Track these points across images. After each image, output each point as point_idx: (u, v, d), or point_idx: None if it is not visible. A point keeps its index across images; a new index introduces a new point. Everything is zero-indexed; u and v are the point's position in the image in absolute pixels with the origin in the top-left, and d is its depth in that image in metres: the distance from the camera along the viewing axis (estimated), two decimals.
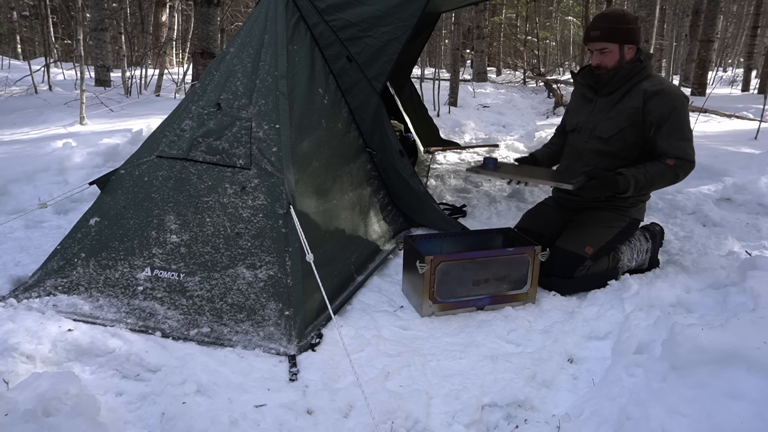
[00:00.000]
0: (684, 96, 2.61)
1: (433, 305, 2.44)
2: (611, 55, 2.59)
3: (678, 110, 2.54)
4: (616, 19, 2.56)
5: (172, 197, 2.44)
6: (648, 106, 2.56)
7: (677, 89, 2.63)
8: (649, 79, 2.61)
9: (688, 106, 2.61)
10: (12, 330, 1.99)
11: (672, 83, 2.74)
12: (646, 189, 2.61)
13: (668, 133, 2.55)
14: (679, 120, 2.55)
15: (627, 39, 2.57)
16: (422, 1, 2.92)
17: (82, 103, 5.56)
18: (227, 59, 2.66)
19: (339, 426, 1.72)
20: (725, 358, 1.68)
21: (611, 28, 2.55)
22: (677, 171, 2.55)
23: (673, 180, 2.59)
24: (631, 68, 2.59)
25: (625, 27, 2.56)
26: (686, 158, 2.55)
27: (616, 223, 2.72)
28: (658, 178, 2.56)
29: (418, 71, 10.82)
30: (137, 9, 14.66)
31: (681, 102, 2.56)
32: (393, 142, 3.15)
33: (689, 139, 2.58)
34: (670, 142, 2.55)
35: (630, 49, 2.60)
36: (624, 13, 2.62)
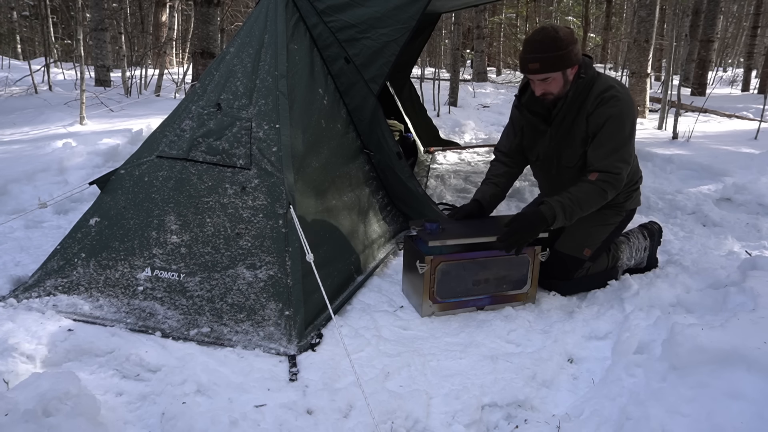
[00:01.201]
0: (626, 102, 2.42)
1: (433, 305, 2.44)
2: (555, 83, 2.41)
3: (612, 119, 2.38)
4: (553, 46, 2.33)
5: (172, 197, 2.44)
6: (588, 120, 2.44)
7: (619, 94, 2.41)
8: (592, 90, 2.44)
9: (629, 113, 2.41)
10: (12, 330, 2.00)
11: (617, 87, 2.44)
12: (577, 211, 2.37)
13: (597, 145, 2.42)
14: (611, 130, 2.38)
15: (567, 64, 2.37)
16: (421, 4, 2.92)
17: (82, 103, 5.56)
18: (227, 59, 2.66)
19: (339, 426, 1.72)
20: (725, 358, 1.68)
21: (550, 57, 2.34)
22: (602, 186, 2.37)
23: (601, 196, 2.39)
24: (575, 90, 2.44)
25: (563, 53, 2.34)
26: (610, 171, 2.37)
27: (613, 219, 2.69)
28: (584, 197, 2.37)
29: (418, 71, 10.82)
30: (137, 9, 14.66)
31: (618, 110, 2.38)
32: (390, 144, 3.15)
33: (618, 150, 2.39)
34: (596, 155, 2.41)
35: (573, 69, 2.42)
36: (558, 37, 2.35)
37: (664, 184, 4.22)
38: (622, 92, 2.43)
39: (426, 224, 2.43)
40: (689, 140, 5.33)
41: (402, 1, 2.96)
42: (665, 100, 6.30)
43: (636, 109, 2.47)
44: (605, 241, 2.67)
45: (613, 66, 15.79)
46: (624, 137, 2.41)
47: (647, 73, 7.18)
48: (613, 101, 2.39)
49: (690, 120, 6.24)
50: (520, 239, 2.33)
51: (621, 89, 2.45)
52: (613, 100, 2.39)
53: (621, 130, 2.40)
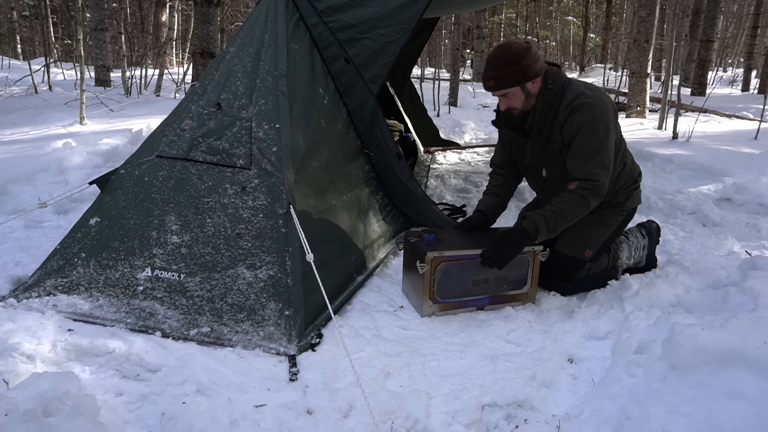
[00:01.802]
0: (597, 107, 2.38)
1: (433, 305, 2.44)
2: (515, 97, 2.43)
3: (585, 126, 2.36)
4: (505, 63, 2.35)
5: (172, 197, 2.44)
6: (562, 130, 2.43)
7: (590, 100, 2.38)
8: (563, 99, 2.42)
9: (602, 117, 2.38)
10: (12, 330, 1.99)
11: (587, 93, 2.41)
12: (561, 222, 2.37)
13: (574, 154, 2.40)
14: (585, 138, 2.36)
15: (524, 78, 2.38)
16: (421, 5, 2.92)
17: (82, 103, 5.56)
18: (227, 59, 2.66)
19: (339, 426, 1.72)
20: (725, 358, 1.68)
21: (503, 74, 2.36)
22: (582, 195, 2.35)
23: (583, 204, 2.37)
24: (543, 102, 2.44)
25: (517, 68, 2.35)
26: (589, 179, 2.35)
27: (614, 219, 2.69)
28: (566, 207, 2.36)
29: (418, 71, 10.82)
30: (137, 9, 14.67)
31: (589, 117, 2.36)
32: (390, 144, 3.15)
33: (595, 157, 2.37)
34: (573, 164, 2.40)
35: (534, 83, 2.41)
36: (512, 53, 2.36)
37: (664, 184, 4.22)
38: (593, 98, 2.40)
39: (423, 235, 2.47)
40: (689, 140, 5.33)
41: (402, 2, 2.96)
42: (665, 100, 6.30)
43: (611, 111, 2.43)
44: (606, 241, 2.66)
45: (613, 66, 15.79)
46: (598, 143, 2.38)
47: (647, 73, 7.17)
48: (584, 108, 2.36)
49: (690, 120, 6.24)
50: (504, 257, 2.35)
51: (592, 94, 2.42)
52: (584, 107, 2.36)
53: (595, 136, 2.37)
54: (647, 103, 7.29)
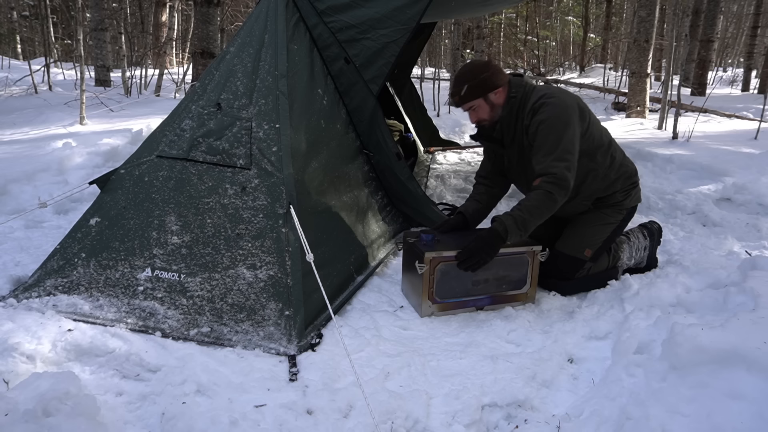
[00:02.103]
0: (555, 105, 2.45)
1: (433, 305, 2.44)
2: (481, 109, 2.56)
3: (543, 123, 2.42)
4: (465, 78, 2.52)
5: (172, 198, 2.44)
6: (527, 133, 2.51)
7: (548, 100, 2.46)
8: (526, 105, 2.51)
9: (560, 114, 2.43)
10: (12, 330, 1.99)
11: (547, 94, 2.49)
12: (530, 219, 2.36)
13: (535, 151, 2.45)
14: (544, 134, 2.42)
15: (486, 89, 2.51)
16: (421, 5, 2.92)
17: (82, 103, 5.56)
18: (227, 59, 2.66)
19: (339, 426, 1.72)
20: (725, 358, 1.68)
21: (466, 90, 2.51)
22: (546, 189, 2.36)
23: (549, 198, 2.36)
24: (509, 110, 2.53)
25: (477, 81, 2.49)
26: (549, 173, 2.37)
27: (613, 219, 2.69)
28: (532, 203, 2.37)
29: (418, 71, 10.82)
30: (137, 9, 14.66)
31: (546, 115, 2.42)
32: (390, 144, 3.15)
33: (554, 151, 2.39)
34: (536, 161, 2.44)
35: (496, 93, 2.53)
36: (471, 68, 2.56)
37: (664, 184, 4.22)
38: (552, 99, 2.46)
39: (422, 236, 2.49)
40: (689, 140, 5.33)
41: (402, 2, 2.96)
42: (665, 100, 6.29)
43: (571, 108, 2.47)
44: (606, 240, 2.67)
45: (613, 66, 15.78)
46: (557, 138, 2.40)
47: (647, 73, 7.17)
48: (543, 108, 2.45)
49: (690, 120, 6.23)
50: (479, 260, 2.35)
51: (551, 95, 2.48)
52: (543, 107, 2.45)
53: (553, 131, 2.41)
54: (647, 103, 7.29)
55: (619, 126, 6.45)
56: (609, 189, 2.66)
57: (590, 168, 2.58)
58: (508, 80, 2.57)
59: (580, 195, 2.61)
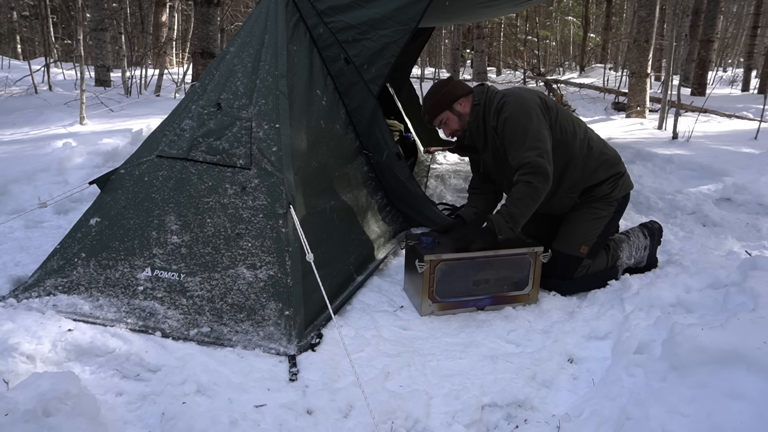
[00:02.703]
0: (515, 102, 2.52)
1: (433, 304, 2.44)
2: (450, 121, 2.67)
3: (508, 120, 2.49)
4: (429, 95, 2.69)
5: (172, 197, 2.44)
6: (496, 133, 2.57)
7: (508, 98, 2.54)
8: (490, 108, 2.58)
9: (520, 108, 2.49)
10: (12, 330, 1.99)
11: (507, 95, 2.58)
12: (517, 212, 2.43)
13: (508, 147, 2.52)
14: (510, 129, 2.49)
15: (448, 103, 2.63)
16: (422, 6, 2.92)
17: (82, 103, 5.56)
18: (227, 59, 2.66)
19: (339, 426, 1.72)
20: (725, 358, 1.68)
21: (430, 106, 2.67)
22: (524, 180, 2.42)
23: (531, 188, 2.42)
24: (474, 116, 2.62)
25: (439, 97, 2.64)
26: (523, 163, 2.43)
27: (605, 212, 2.70)
28: (516, 196, 2.44)
29: (418, 71, 10.82)
30: (137, 9, 14.66)
31: (509, 112, 2.49)
32: (390, 144, 3.15)
33: (523, 143, 2.45)
34: (510, 156, 2.51)
35: (460, 103, 2.64)
36: (434, 86, 2.73)
37: (664, 184, 4.22)
38: (511, 96, 2.55)
39: (422, 238, 2.53)
40: (689, 140, 5.33)
41: (402, 3, 2.96)
42: (665, 100, 6.29)
43: (531, 101, 2.54)
44: (601, 235, 2.67)
45: (613, 66, 15.79)
46: (521, 130, 2.48)
47: (647, 73, 7.17)
48: (505, 107, 2.52)
49: (690, 120, 6.23)
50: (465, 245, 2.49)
51: (511, 94, 2.58)
52: (505, 105, 2.53)
53: (517, 124, 2.49)
54: (647, 103, 7.29)
55: (619, 126, 6.45)
56: (592, 179, 2.68)
57: (568, 157, 2.62)
58: (470, 90, 2.68)
59: (563, 186, 2.64)
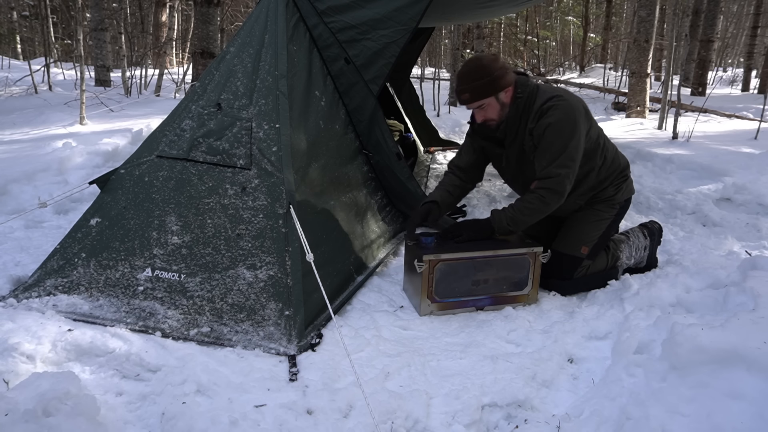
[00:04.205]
0: (564, 109, 2.43)
1: (432, 304, 2.44)
2: (491, 108, 2.48)
3: (550, 127, 2.41)
4: (477, 75, 2.42)
5: (172, 198, 2.44)
6: (533, 135, 2.48)
7: (557, 103, 2.43)
8: (533, 106, 2.47)
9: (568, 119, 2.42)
10: (12, 330, 1.99)
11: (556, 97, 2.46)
12: (521, 218, 2.47)
13: (539, 155, 2.46)
14: (550, 139, 2.42)
15: (497, 88, 2.44)
16: (422, 6, 2.92)
17: (82, 103, 5.55)
18: (227, 59, 2.66)
19: (339, 426, 1.72)
20: (725, 358, 1.68)
21: (477, 86, 2.42)
22: (540, 194, 2.43)
23: (542, 203, 2.44)
24: (515, 110, 2.49)
25: (489, 79, 2.41)
26: (549, 177, 2.42)
27: (606, 214, 2.70)
28: (524, 205, 2.47)
29: (418, 71, 10.82)
30: (137, 9, 14.65)
31: (555, 119, 2.40)
32: (390, 144, 3.15)
33: (558, 157, 2.41)
34: (538, 165, 2.46)
35: (505, 92, 2.47)
36: (482, 65, 2.44)
37: (664, 184, 4.22)
38: (560, 101, 2.44)
39: (422, 239, 2.53)
40: (689, 140, 5.33)
41: (402, 3, 2.96)
42: (665, 100, 6.29)
43: (579, 112, 2.47)
44: (602, 236, 2.67)
45: (613, 66, 15.78)
46: (562, 143, 2.42)
47: (647, 73, 7.17)
48: (551, 111, 2.42)
49: (690, 120, 6.24)
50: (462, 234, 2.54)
51: (560, 98, 2.46)
52: (551, 109, 2.42)
53: (559, 136, 2.41)
54: (647, 103, 7.29)
55: (619, 126, 6.45)
56: (601, 185, 2.69)
57: (588, 168, 2.59)
58: (515, 78, 2.51)
59: (574, 193, 2.62)
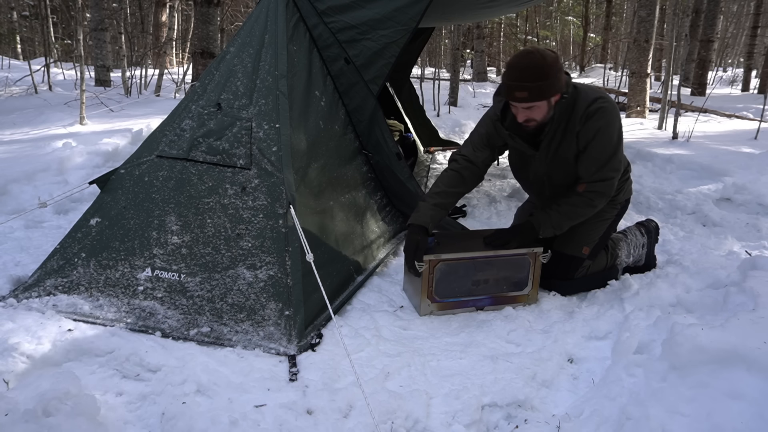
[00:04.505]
0: (611, 112, 2.38)
1: (432, 304, 2.44)
2: (539, 110, 2.33)
3: (601, 131, 2.36)
4: (541, 74, 2.23)
5: (172, 198, 2.44)
6: (578, 137, 2.40)
7: (605, 105, 2.37)
8: (576, 107, 2.38)
9: (615, 122, 2.39)
10: (12, 330, 2.00)
11: (600, 99, 2.38)
12: (566, 222, 2.47)
13: (588, 158, 2.42)
14: (601, 143, 2.38)
15: (556, 91, 2.30)
16: (422, 6, 2.92)
17: (82, 103, 5.55)
18: (227, 59, 2.66)
19: (339, 426, 1.72)
20: (725, 358, 1.68)
21: (538, 87, 2.24)
22: (590, 197, 2.43)
23: (590, 206, 2.45)
24: (560, 112, 2.38)
25: (552, 80, 2.27)
26: (601, 180, 2.43)
27: (608, 214, 2.69)
28: (572, 209, 2.46)
29: (418, 71, 10.82)
30: (137, 9, 14.66)
31: (605, 122, 2.36)
32: (390, 144, 3.15)
33: (609, 161, 2.41)
34: (587, 168, 2.44)
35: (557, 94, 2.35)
36: (546, 64, 2.25)
37: (664, 184, 4.22)
38: (606, 103, 2.39)
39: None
40: (689, 140, 5.33)
41: (402, 3, 2.96)
42: (665, 100, 6.30)
43: (619, 114, 2.44)
44: (602, 237, 2.67)
45: (613, 66, 15.78)
46: (613, 147, 2.42)
47: (647, 73, 7.17)
48: (600, 113, 2.35)
49: (690, 120, 6.24)
50: (506, 240, 2.50)
51: (604, 99, 2.40)
52: (600, 112, 2.35)
53: (610, 140, 2.41)
54: (647, 103, 7.29)
55: None
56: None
57: None
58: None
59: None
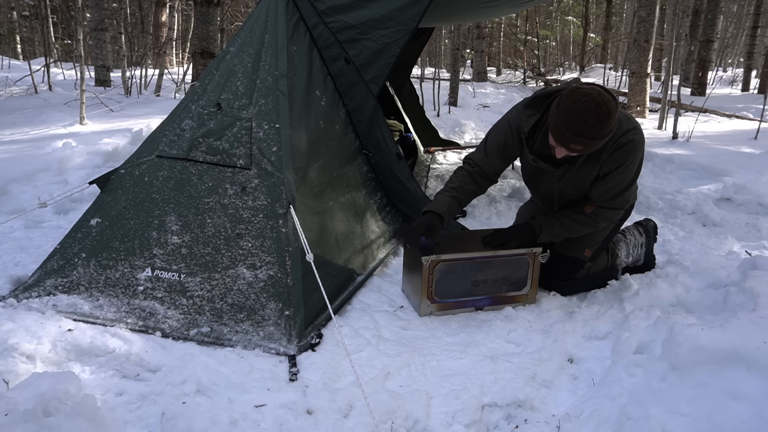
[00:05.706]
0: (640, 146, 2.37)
1: (431, 305, 2.44)
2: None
3: (626, 165, 2.36)
4: (603, 133, 2.14)
5: (172, 198, 2.44)
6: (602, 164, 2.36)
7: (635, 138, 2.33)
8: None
9: (639, 156, 2.39)
10: (12, 330, 1.99)
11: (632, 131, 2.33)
12: (565, 234, 2.50)
13: (605, 185, 2.42)
14: (622, 175, 2.39)
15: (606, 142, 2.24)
16: (422, 6, 2.92)
17: (82, 103, 5.55)
18: (227, 59, 2.66)
19: (339, 426, 1.72)
20: (725, 358, 1.68)
21: (596, 144, 2.18)
22: (595, 219, 2.48)
23: (592, 226, 2.50)
24: None
25: (609, 137, 2.21)
26: (611, 208, 2.48)
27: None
28: (574, 225, 2.50)
29: (418, 71, 10.82)
30: (137, 9, 14.65)
31: (632, 157, 2.35)
32: (390, 144, 3.15)
33: (624, 192, 2.44)
34: (600, 192, 2.44)
35: None
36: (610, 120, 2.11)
37: (664, 184, 4.22)
38: (637, 135, 2.34)
39: (421, 239, 2.49)
40: (689, 140, 5.33)
41: (402, 3, 2.96)
42: (665, 100, 6.30)
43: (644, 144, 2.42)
44: (605, 240, 2.67)
45: (613, 66, 15.78)
46: (629, 181, 2.46)
47: (647, 73, 7.18)
48: (629, 146, 2.32)
49: (690, 120, 6.24)
50: (504, 242, 2.51)
51: (636, 131, 2.35)
52: (629, 145, 2.31)
53: (629, 175, 2.43)
54: (647, 103, 7.29)
55: None
56: None
57: None
58: None
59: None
